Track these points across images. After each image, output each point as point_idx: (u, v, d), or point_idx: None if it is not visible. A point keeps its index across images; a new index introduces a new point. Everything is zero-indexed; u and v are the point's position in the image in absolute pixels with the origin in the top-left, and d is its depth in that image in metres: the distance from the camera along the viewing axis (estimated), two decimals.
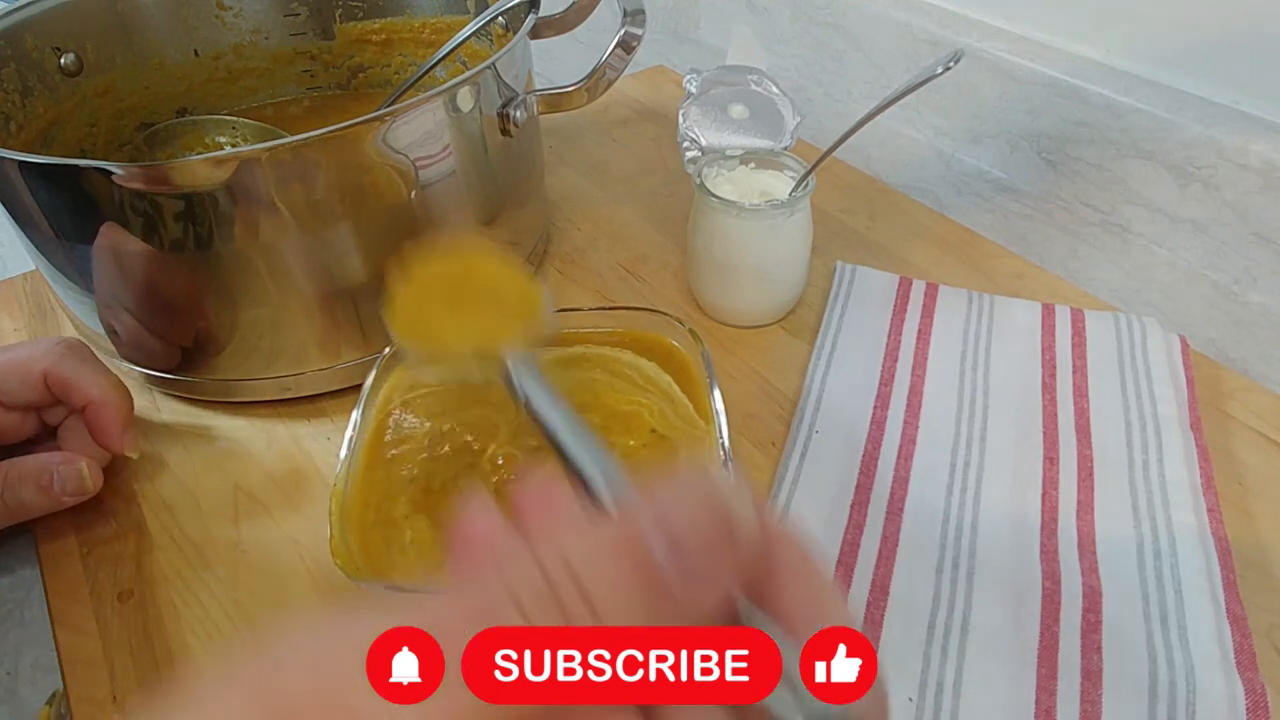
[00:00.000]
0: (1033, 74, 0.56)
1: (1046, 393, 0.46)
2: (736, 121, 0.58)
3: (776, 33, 0.74)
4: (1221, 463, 0.42)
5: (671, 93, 0.78)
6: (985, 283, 0.54)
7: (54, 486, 0.39)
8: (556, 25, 0.55)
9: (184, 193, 0.38)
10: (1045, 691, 0.33)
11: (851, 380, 0.47)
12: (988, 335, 0.49)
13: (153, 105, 0.57)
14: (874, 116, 0.44)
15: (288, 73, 0.62)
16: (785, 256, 0.50)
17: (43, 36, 0.50)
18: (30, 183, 0.38)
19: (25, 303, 0.56)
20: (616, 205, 0.63)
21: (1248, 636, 0.35)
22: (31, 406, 0.41)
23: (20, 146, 0.48)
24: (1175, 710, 0.32)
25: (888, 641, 0.35)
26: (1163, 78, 0.53)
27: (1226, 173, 0.49)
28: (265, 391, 0.46)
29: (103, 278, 0.42)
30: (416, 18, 0.61)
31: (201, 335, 0.44)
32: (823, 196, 0.62)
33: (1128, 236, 0.55)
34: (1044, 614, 0.36)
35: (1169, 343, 0.48)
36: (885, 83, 0.67)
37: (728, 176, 0.50)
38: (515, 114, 0.47)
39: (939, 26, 0.61)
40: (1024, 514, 0.40)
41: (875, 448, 0.43)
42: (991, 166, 0.62)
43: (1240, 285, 0.51)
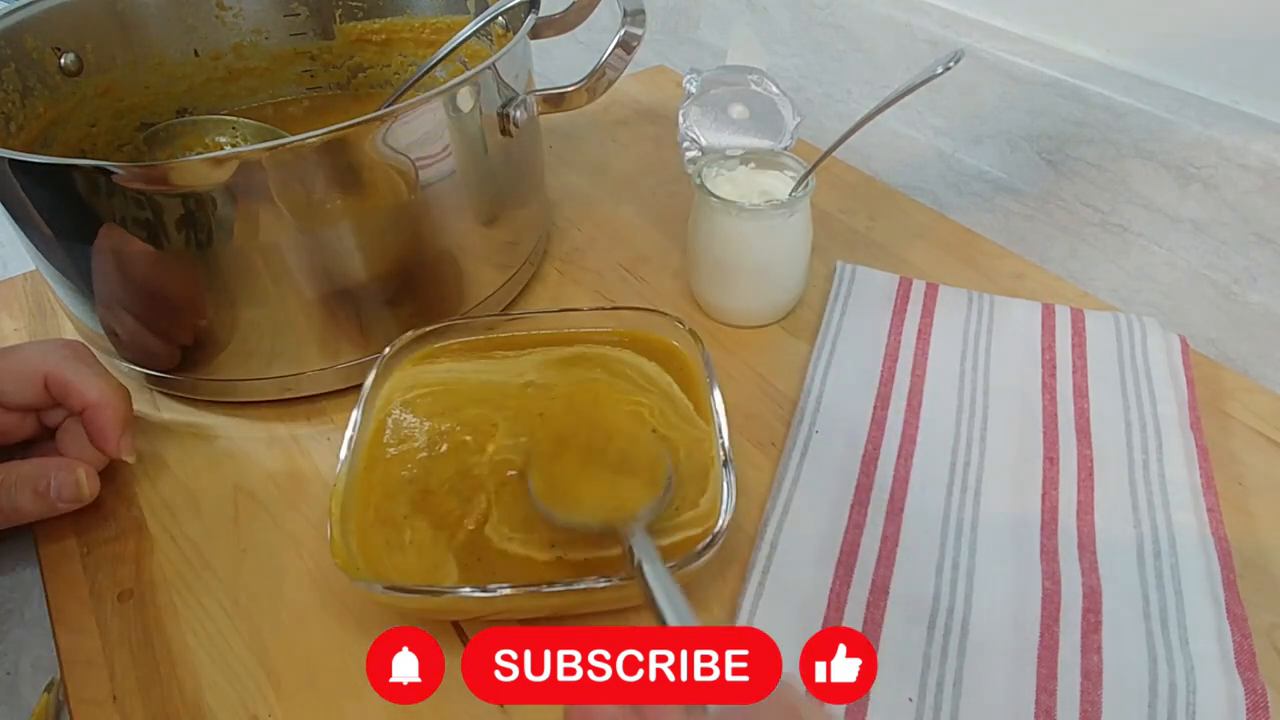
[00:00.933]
0: (1033, 74, 0.56)
1: (1046, 393, 0.46)
2: (736, 121, 0.58)
3: (776, 33, 0.74)
4: (1221, 463, 0.42)
5: (671, 93, 0.78)
6: (985, 283, 0.54)
7: (50, 493, 0.39)
8: (556, 25, 0.55)
9: (184, 193, 0.38)
10: (1045, 691, 0.33)
11: (851, 380, 0.47)
12: (988, 335, 0.49)
13: (153, 105, 0.57)
14: (874, 116, 0.44)
15: (288, 73, 0.62)
16: (785, 256, 0.50)
17: (43, 36, 0.50)
18: (30, 183, 0.38)
19: (25, 303, 0.56)
20: (616, 205, 0.63)
21: (1248, 636, 0.35)
22: (30, 408, 0.40)
23: (20, 146, 0.48)
24: (1175, 710, 0.32)
25: (888, 641, 0.35)
26: (1163, 78, 0.53)
27: (1226, 173, 0.49)
28: (265, 391, 0.46)
29: (102, 278, 0.42)
30: (416, 18, 0.61)
31: (201, 335, 0.44)
32: (823, 196, 0.62)
33: (1128, 236, 0.55)
34: (1044, 614, 0.36)
35: (1169, 343, 0.48)
36: (885, 83, 0.67)
37: (728, 176, 0.50)
38: (515, 114, 0.47)
39: (939, 26, 0.61)
40: (1024, 514, 0.40)
41: (875, 448, 0.43)
42: (991, 166, 0.62)
43: (1240, 285, 0.51)
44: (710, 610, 0.37)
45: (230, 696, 0.35)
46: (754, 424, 0.46)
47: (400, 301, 0.46)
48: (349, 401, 0.42)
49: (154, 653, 0.36)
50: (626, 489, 0.36)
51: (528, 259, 0.54)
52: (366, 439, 0.40)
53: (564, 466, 0.38)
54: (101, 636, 0.37)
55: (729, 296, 0.51)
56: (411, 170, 0.42)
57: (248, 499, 0.43)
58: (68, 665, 0.36)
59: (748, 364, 0.49)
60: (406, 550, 0.36)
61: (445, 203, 0.45)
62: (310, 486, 0.43)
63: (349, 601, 0.38)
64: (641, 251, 0.58)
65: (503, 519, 0.37)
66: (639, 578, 0.31)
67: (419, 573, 0.36)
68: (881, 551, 0.38)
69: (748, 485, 0.42)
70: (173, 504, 0.43)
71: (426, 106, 0.41)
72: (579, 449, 0.39)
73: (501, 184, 0.49)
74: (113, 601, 0.38)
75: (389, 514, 0.38)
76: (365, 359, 0.46)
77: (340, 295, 0.44)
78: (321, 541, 0.38)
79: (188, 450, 0.45)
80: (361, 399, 0.41)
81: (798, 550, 0.38)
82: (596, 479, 0.37)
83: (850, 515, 0.40)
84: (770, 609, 0.36)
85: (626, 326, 0.46)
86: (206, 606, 0.38)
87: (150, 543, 0.41)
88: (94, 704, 0.35)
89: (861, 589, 0.37)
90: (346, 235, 0.42)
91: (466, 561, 0.36)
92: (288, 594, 0.38)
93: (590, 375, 0.44)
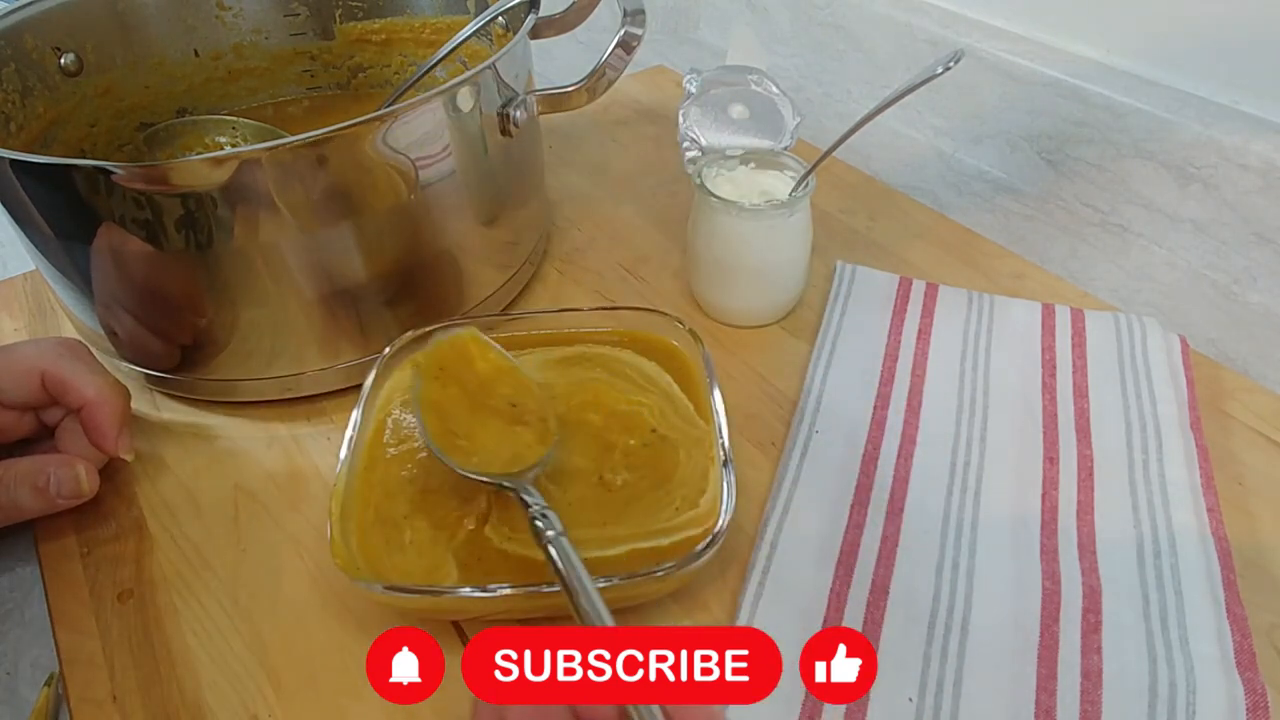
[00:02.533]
0: (1033, 74, 0.56)
1: (1046, 393, 0.46)
2: (736, 121, 0.58)
3: (776, 33, 0.74)
4: (1221, 463, 0.42)
5: (671, 93, 0.78)
6: (985, 283, 0.54)
7: (50, 489, 0.39)
8: (556, 25, 0.55)
9: (184, 193, 0.38)
10: (1045, 691, 0.33)
11: (851, 380, 0.47)
12: (988, 335, 0.49)
13: (153, 105, 0.57)
14: (874, 116, 0.44)
15: (288, 73, 0.62)
16: (785, 256, 0.50)
17: (43, 36, 0.50)
18: (30, 183, 0.38)
19: (25, 303, 0.56)
20: (616, 205, 0.63)
21: (1248, 636, 0.34)
22: (28, 406, 0.40)
23: (20, 146, 0.48)
24: (1175, 710, 0.32)
25: (888, 641, 0.35)
26: (1163, 78, 0.53)
27: (1226, 173, 0.49)
28: (265, 391, 0.46)
29: (102, 278, 0.42)
30: (416, 18, 0.61)
31: (201, 335, 0.44)
32: (823, 196, 0.62)
33: (1128, 236, 0.55)
34: (1044, 614, 0.36)
35: (1169, 343, 0.48)
36: (885, 83, 0.67)
37: (728, 176, 0.50)
38: (515, 114, 0.47)
39: (939, 26, 0.61)
40: (1024, 514, 0.40)
41: (875, 448, 0.43)
42: (991, 166, 0.62)
43: (1240, 285, 0.51)
44: (710, 610, 0.37)
45: (230, 696, 0.35)
46: (754, 424, 0.46)
47: (400, 301, 0.46)
48: (349, 401, 0.42)
49: (154, 653, 0.36)
50: (518, 438, 0.38)
51: (528, 259, 0.54)
52: (366, 439, 0.40)
53: (457, 421, 0.39)
54: (101, 636, 0.37)
55: (729, 296, 0.51)
56: (411, 170, 0.42)
57: (248, 499, 0.43)
58: (68, 665, 0.36)
59: (748, 364, 0.49)
60: (406, 550, 0.36)
61: (445, 203, 0.45)
62: (310, 486, 0.43)
63: (349, 601, 0.38)
64: (641, 251, 0.58)
65: (502, 519, 0.37)
66: (540, 542, 0.32)
67: (419, 573, 0.36)
68: (881, 551, 0.38)
69: (748, 485, 0.42)
70: (173, 504, 0.43)
71: (426, 106, 0.41)
72: (466, 397, 0.40)
73: (501, 184, 0.49)
74: (113, 601, 0.38)
75: (389, 514, 0.38)
76: (365, 359, 0.46)
77: (340, 295, 0.44)
78: (321, 541, 0.38)
79: (188, 450, 0.45)
80: (361, 399, 0.41)
81: (798, 550, 0.38)
82: (485, 428, 0.39)
83: (850, 515, 0.40)
84: (770, 609, 0.36)
85: (626, 326, 0.46)
86: (206, 606, 0.38)
87: (150, 543, 0.41)
88: (94, 704, 0.35)
89: (861, 589, 0.37)
90: (346, 235, 0.42)
91: (466, 561, 0.36)
92: (288, 594, 0.38)
93: (590, 375, 0.44)
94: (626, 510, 0.37)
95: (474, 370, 0.41)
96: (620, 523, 0.37)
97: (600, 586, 0.33)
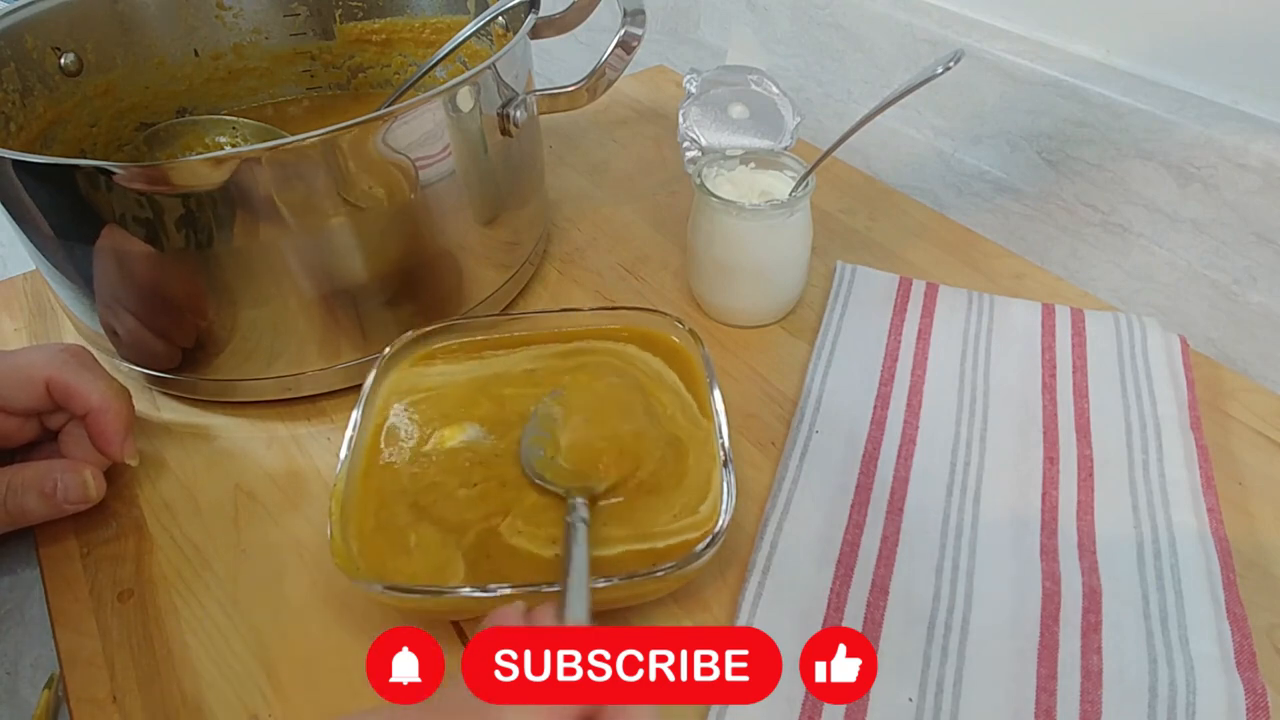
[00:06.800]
0: (1033, 74, 0.56)
1: (1046, 393, 0.46)
2: (736, 121, 0.58)
3: (776, 33, 0.74)
4: (1221, 463, 0.42)
5: (671, 93, 0.78)
6: (985, 283, 0.55)
7: (57, 494, 0.39)
8: (556, 25, 0.55)
9: (184, 193, 0.38)
10: (1045, 691, 0.33)
11: (851, 380, 0.47)
12: (988, 335, 0.49)
13: (153, 105, 0.57)
14: (874, 116, 0.44)
15: (288, 73, 0.62)
16: (785, 256, 0.50)
17: (43, 36, 0.50)
18: (30, 183, 0.38)
19: (25, 303, 0.56)
20: (616, 205, 0.63)
21: (1248, 636, 0.34)
22: (33, 412, 0.40)
23: (20, 146, 0.48)
24: (1175, 710, 0.32)
25: (888, 641, 0.35)
26: (1163, 78, 0.53)
27: (1226, 173, 0.49)
28: (265, 391, 0.46)
29: (103, 278, 0.42)
30: (416, 18, 0.61)
31: (202, 335, 0.44)
32: (823, 196, 0.62)
33: (1128, 236, 0.55)
34: (1044, 614, 0.36)
35: (1169, 343, 0.48)
36: (885, 83, 0.67)
37: (728, 176, 0.50)
38: (515, 114, 0.47)
39: (939, 26, 0.61)
40: (1024, 514, 0.40)
41: (875, 448, 0.43)
42: (991, 166, 0.62)
43: (1240, 285, 0.51)
44: (710, 610, 0.37)
45: (230, 696, 0.35)
46: (754, 424, 0.46)
47: (400, 301, 0.46)
48: (349, 401, 0.42)
49: (154, 653, 0.36)
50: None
51: (528, 259, 0.54)
52: (366, 439, 0.40)
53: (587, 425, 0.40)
54: (101, 636, 0.37)
55: (729, 296, 0.51)
56: (411, 170, 0.42)
57: (248, 499, 0.43)
58: (68, 665, 0.36)
59: (748, 364, 0.49)
60: (412, 553, 0.36)
61: (445, 203, 0.45)
62: (310, 486, 0.43)
63: (349, 601, 0.38)
64: (641, 251, 0.58)
65: (518, 513, 0.37)
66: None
67: (425, 571, 0.35)
68: (881, 551, 0.38)
69: (748, 485, 0.42)
70: (173, 504, 0.43)
71: (426, 106, 0.41)
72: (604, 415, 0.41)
73: (501, 184, 0.49)
74: (113, 601, 0.38)
75: (390, 514, 0.38)
76: (365, 359, 0.46)
77: (340, 295, 0.44)
78: (321, 541, 0.38)
79: (188, 450, 0.45)
80: (361, 399, 0.41)
81: (798, 550, 0.38)
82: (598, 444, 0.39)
83: (850, 515, 0.40)
84: (770, 609, 0.36)
85: (627, 327, 0.46)
86: (206, 606, 0.38)
87: (150, 543, 0.41)
88: (94, 703, 0.35)
89: (861, 589, 0.37)
90: (346, 235, 0.42)
91: (474, 558, 0.36)
92: (288, 594, 0.38)
93: (599, 360, 0.44)
94: (631, 512, 0.37)
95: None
96: (622, 524, 0.37)
97: (601, 586, 0.33)
